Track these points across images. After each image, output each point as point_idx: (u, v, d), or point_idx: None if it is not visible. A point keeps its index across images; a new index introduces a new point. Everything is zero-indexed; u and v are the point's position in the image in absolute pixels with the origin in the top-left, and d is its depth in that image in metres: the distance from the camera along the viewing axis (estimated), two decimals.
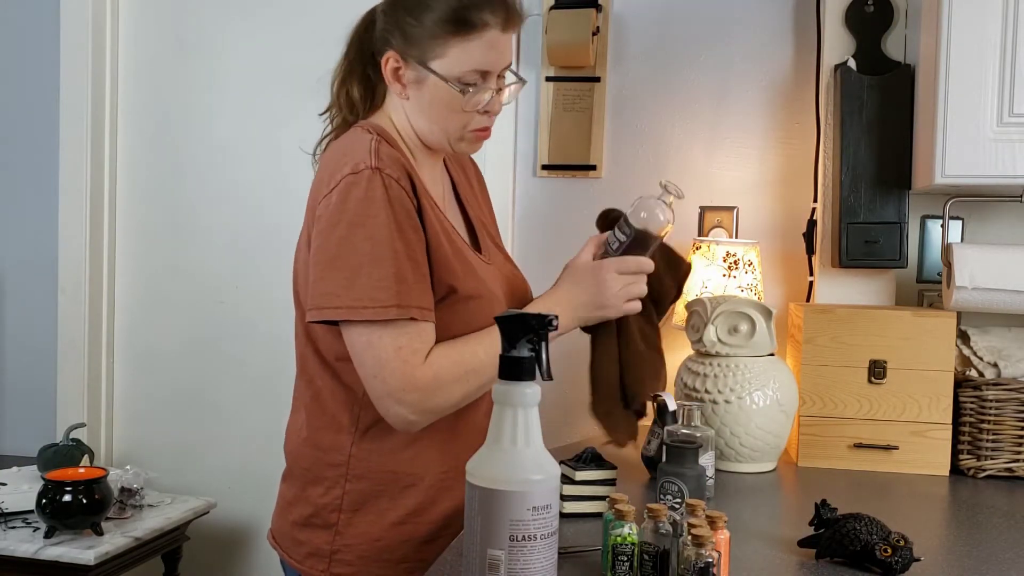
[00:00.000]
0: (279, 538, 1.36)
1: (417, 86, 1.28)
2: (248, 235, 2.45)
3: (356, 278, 1.18)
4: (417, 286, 1.20)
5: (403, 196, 1.21)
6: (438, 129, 1.30)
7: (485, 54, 1.26)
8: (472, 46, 1.24)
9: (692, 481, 1.26)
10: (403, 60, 1.27)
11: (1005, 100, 1.63)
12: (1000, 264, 1.69)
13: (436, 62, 1.25)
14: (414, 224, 1.22)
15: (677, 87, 2.22)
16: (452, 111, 1.28)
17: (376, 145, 1.23)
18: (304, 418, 1.34)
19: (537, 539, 0.88)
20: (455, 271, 1.26)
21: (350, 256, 1.18)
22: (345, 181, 1.20)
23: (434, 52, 1.25)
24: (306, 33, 2.42)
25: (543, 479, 0.89)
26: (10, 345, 2.57)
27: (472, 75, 1.26)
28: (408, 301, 1.18)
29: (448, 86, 1.26)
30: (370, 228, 1.18)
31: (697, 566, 0.97)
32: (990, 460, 1.69)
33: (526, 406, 0.91)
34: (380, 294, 1.17)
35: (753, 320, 1.66)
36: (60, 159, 2.48)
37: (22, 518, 2.05)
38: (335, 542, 1.29)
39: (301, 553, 1.31)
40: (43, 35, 2.50)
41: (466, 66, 1.25)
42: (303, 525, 1.32)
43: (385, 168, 1.21)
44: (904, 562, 1.10)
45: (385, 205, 1.19)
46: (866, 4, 1.97)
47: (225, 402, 2.49)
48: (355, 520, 1.28)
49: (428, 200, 1.27)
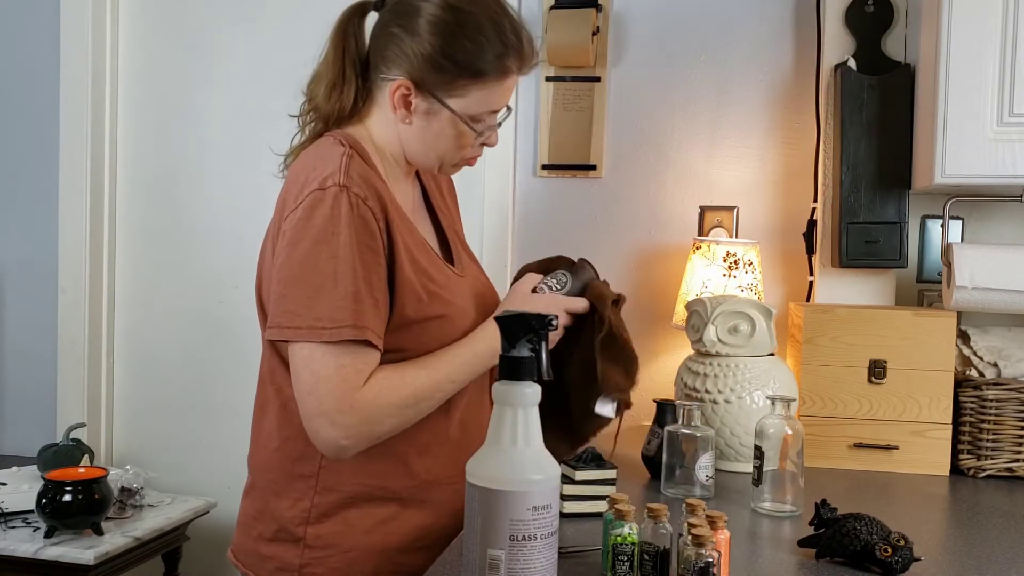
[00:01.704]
0: (241, 556, 1.32)
1: (427, 117, 1.26)
2: (248, 235, 2.43)
3: (317, 297, 1.15)
4: (372, 309, 1.17)
5: (368, 217, 1.18)
6: (434, 156, 1.29)
7: (501, 97, 1.28)
8: (493, 90, 1.26)
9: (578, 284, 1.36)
10: (417, 90, 1.24)
11: (1005, 100, 1.63)
12: (1000, 264, 1.69)
13: (454, 101, 1.24)
14: (375, 247, 1.19)
15: (677, 87, 2.22)
16: (456, 143, 1.28)
17: (347, 161, 1.20)
18: (275, 427, 1.30)
19: (537, 539, 0.88)
20: (419, 298, 1.23)
21: (312, 275, 1.16)
22: (311, 197, 1.18)
23: (456, 92, 1.24)
24: (306, 33, 2.41)
25: (543, 479, 0.89)
26: (10, 345, 2.57)
27: (486, 115, 1.28)
28: (363, 323, 1.16)
29: (461, 124, 1.26)
30: (332, 247, 1.16)
31: (697, 566, 0.97)
32: (990, 460, 1.69)
33: (526, 406, 0.91)
34: (338, 314, 1.15)
35: (753, 320, 1.66)
36: (60, 159, 2.48)
37: (22, 518, 2.05)
38: (304, 555, 1.25)
39: (268, 569, 1.27)
40: (43, 35, 2.50)
41: (484, 108, 1.26)
42: (269, 540, 1.27)
43: (353, 187, 1.18)
44: (904, 562, 1.10)
45: (349, 224, 1.16)
46: (866, 4, 1.97)
47: (225, 402, 2.49)
48: (323, 532, 1.25)
49: (398, 215, 1.25)
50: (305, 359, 1.16)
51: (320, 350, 1.15)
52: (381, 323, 1.19)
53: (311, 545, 1.25)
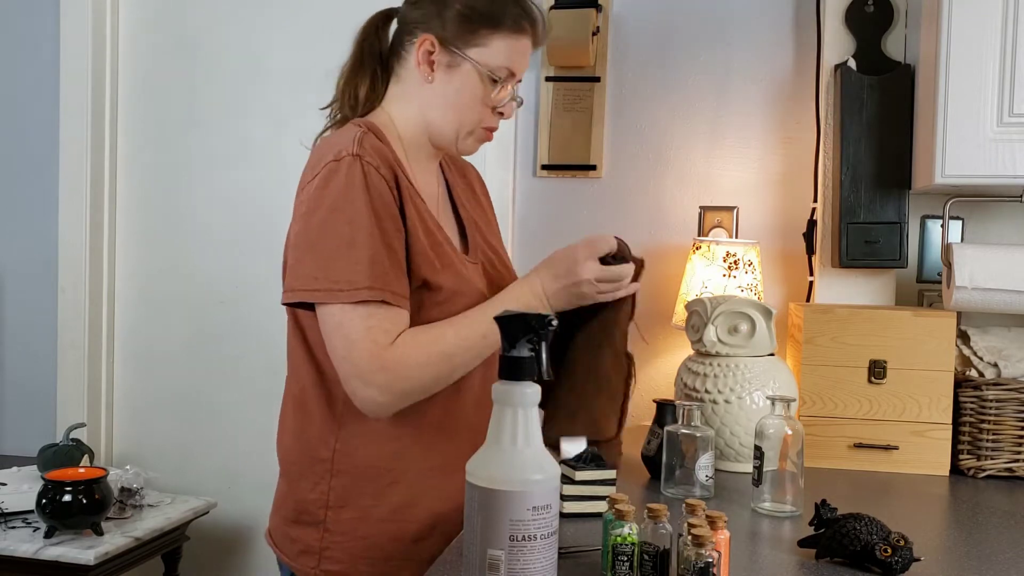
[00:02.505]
0: (275, 535, 1.37)
1: (448, 71, 1.31)
2: (248, 235, 2.45)
3: (333, 261, 1.19)
4: (392, 271, 1.21)
5: (382, 185, 1.23)
6: (452, 119, 1.33)
7: (519, 57, 1.34)
8: (512, 44, 1.32)
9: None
10: (440, 45, 1.30)
11: (1005, 100, 1.63)
12: (1000, 264, 1.69)
13: (475, 50, 1.30)
14: (392, 213, 1.23)
15: (677, 87, 2.22)
16: (475, 101, 1.32)
17: (361, 135, 1.25)
18: (292, 412, 1.34)
19: (537, 539, 0.88)
20: (432, 264, 1.27)
21: (328, 240, 1.20)
22: (327, 168, 1.23)
23: (477, 40, 1.30)
24: (306, 33, 2.43)
25: (543, 479, 0.89)
26: (10, 345, 2.58)
27: (503, 71, 1.32)
28: (382, 284, 1.19)
29: (481, 75, 1.31)
30: (348, 212, 1.20)
31: (697, 566, 0.97)
32: (990, 460, 1.69)
33: (526, 406, 0.91)
34: (355, 276, 1.18)
35: (753, 320, 1.66)
36: (60, 159, 2.49)
37: (22, 518, 2.05)
38: (324, 539, 1.29)
39: (294, 551, 1.32)
40: (43, 35, 2.50)
41: (503, 60, 1.32)
42: (294, 522, 1.32)
43: (366, 156, 1.22)
44: (904, 562, 1.10)
45: (364, 191, 1.21)
46: (866, 4, 1.97)
47: (225, 402, 2.49)
48: (342, 516, 1.29)
49: (411, 193, 1.28)
50: (336, 324, 1.20)
51: (349, 314, 1.19)
52: (404, 285, 1.23)
53: (330, 529, 1.29)
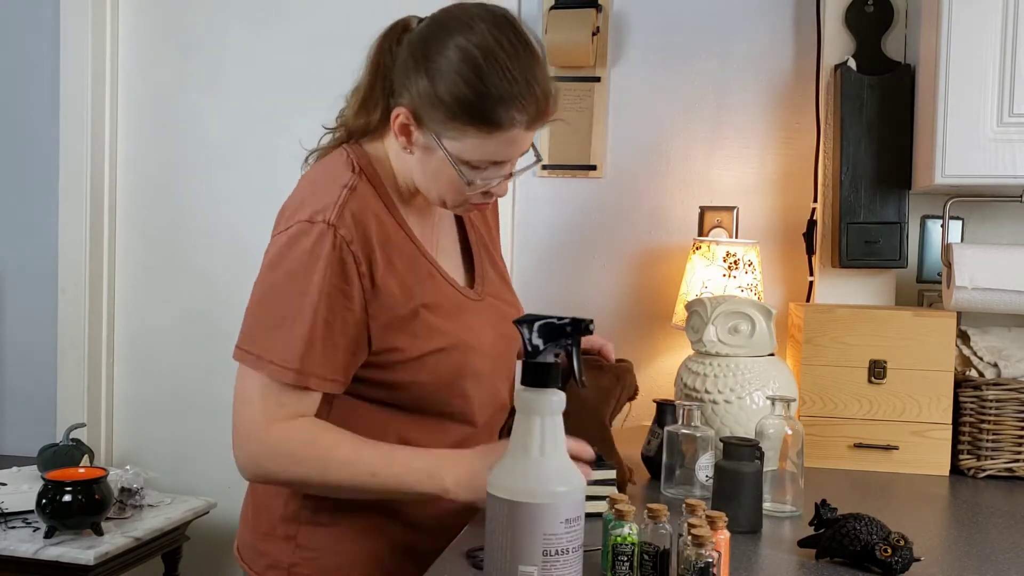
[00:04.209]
0: (242, 550, 1.34)
1: (424, 151, 1.20)
2: (248, 235, 2.44)
3: (274, 330, 1.16)
4: (323, 353, 1.16)
5: (348, 261, 1.16)
6: (435, 193, 1.23)
7: (503, 149, 1.18)
8: (491, 141, 1.16)
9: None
10: (415, 122, 1.17)
11: (1005, 100, 1.63)
12: (1000, 264, 1.69)
13: (449, 142, 1.16)
14: (347, 292, 1.17)
15: (677, 87, 2.22)
16: (453, 188, 1.21)
17: (346, 196, 1.17)
18: None
19: (570, 552, 0.85)
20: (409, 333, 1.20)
21: (274, 306, 1.17)
22: (299, 226, 1.16)
23: (450, 133, 1.16)
24: (306, 34, 2.42)
25: (570, 490, 0.87)
26: (10, 345, 2.57)
27: (485, 163, 1.18)
28: (309, 368, 1.15)
29: (455, 167, 1.18)
30: (302, 284, 1.15)
31: (697, 566, 0.97)
32: (990, 460, 1.69)
33: (552, 414, 0.89)
34: (288, 354, 1.15)
35: (753, 320, 1.66)
36: (60, 159, 2.48)
37: (22, 518, 2.05)
38: (295, 554, 1.26)
39: (261, 565, 1.29)
40: (43, 34, 2.50)
41: (480, 156, 1.17)
42: (264, 536, 1.30)
43: (341, 228, 1.15)
44: (904, 562, 1.10)
45: (325, 267, 1.15)
46: (866, 4, 1.97)
47: (225, 402, 2.45)
48: (315, 532, 1.26)
49: (395, 252, 1.22)
50: (243, 377, 1.20)
51: (259, 380, 1.17)
52: (333, 367, 1.18)
53: (302, 545, 1.26)
